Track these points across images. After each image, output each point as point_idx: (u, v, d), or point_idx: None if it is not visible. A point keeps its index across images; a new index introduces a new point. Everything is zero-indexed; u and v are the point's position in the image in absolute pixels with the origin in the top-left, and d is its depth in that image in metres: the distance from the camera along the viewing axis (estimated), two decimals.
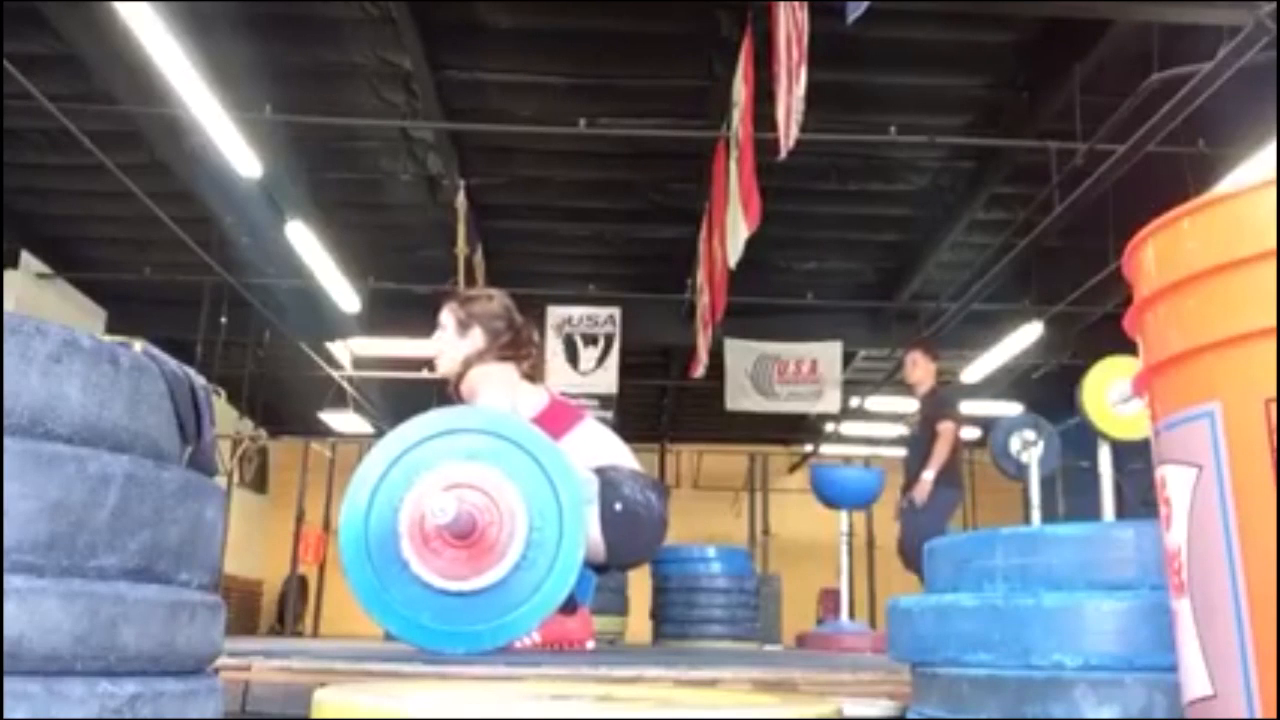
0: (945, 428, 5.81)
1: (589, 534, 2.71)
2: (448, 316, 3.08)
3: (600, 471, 2.84)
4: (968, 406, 12.04)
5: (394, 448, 2.41)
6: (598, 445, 2.96)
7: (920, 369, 6.20)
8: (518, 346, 3.04)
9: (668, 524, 3.00)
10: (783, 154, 4.64)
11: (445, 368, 3.08)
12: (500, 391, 2.90)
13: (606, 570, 2.90)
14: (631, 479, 2.87)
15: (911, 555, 5.74)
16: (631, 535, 2.84)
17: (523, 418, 2.77)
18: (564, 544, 2.31)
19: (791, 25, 4.38)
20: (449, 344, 3.05)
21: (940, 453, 5.74)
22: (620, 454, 2.96)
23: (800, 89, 4.29)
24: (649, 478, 2.96)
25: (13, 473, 0.86)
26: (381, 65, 6.42)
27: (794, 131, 4.42)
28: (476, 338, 3.02)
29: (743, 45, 5.40)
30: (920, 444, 5.96)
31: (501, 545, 2.29)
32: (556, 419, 2.93)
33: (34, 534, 0.87)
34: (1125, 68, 5.73)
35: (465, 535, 2.28)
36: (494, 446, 2.37)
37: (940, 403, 6.09)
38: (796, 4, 4.33)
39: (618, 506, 2.78)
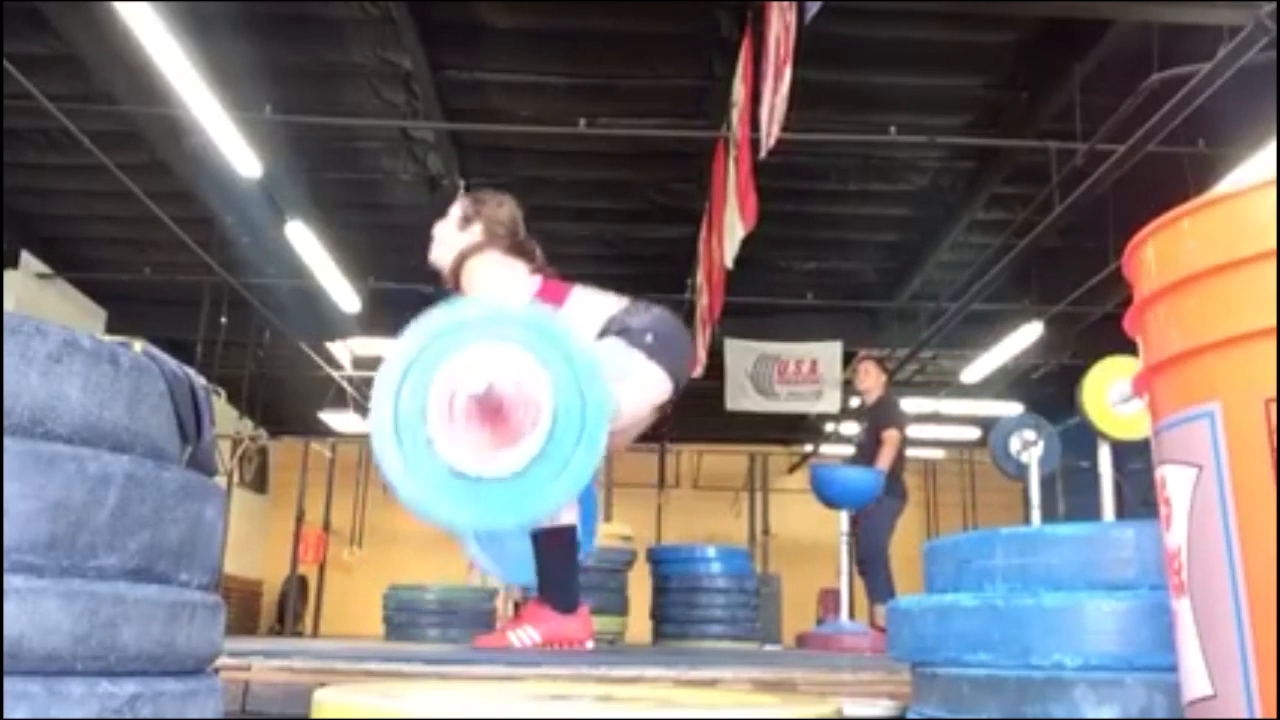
0: (890, 435, 6.02)
1: (655, 384, 2.76)
2: (456, 208, 3.13)
3: (610, 325, 2.85)
4: (968, 406, 12.12)
5: (427, 331, 2.41)
6: (594, 305, 2.97)
7: (871, 378, 6.46)
8: (515, 252, 3.06)
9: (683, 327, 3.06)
10: (763, 153, 4.65)
11: (437, 255, 3.13)
12: (495, 279, 2.93)
13: (678, 386, 2.90)
14: (632, 312, 2.90)
15: (860, 561, 6.00)
16: (676, 349, 2.88)
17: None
18: (583, 443, 2.31)
19: (781, 25, 4.38)
20: (449, 234, 3.09)
21: (885, 458, 5.90)
22: (609, 301, 2.99)
23: (785, 88, 4.29)
24: (639, 303, 2.98)
25: (13, 473, 0.86)
26: (381, 65, 6.42)
27: (775, 131, 4.42)
28: (475, 233, 3.06)
29: (742, 45, 5.40)
30: (866, 450, 6.17)
31: (525, 433, 2.30)
32: (552, 294, 2.97)
33: (34, 534, 0.87)
34: (1125, 68, 5.73)
35: (493, 415, 2.28)
36: (528, 338, 2.37)
37: (887, 411, 6.31)
38: (786, 4, 4.33)
39: (649, 340, 2.79)
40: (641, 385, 2.76)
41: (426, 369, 2.32)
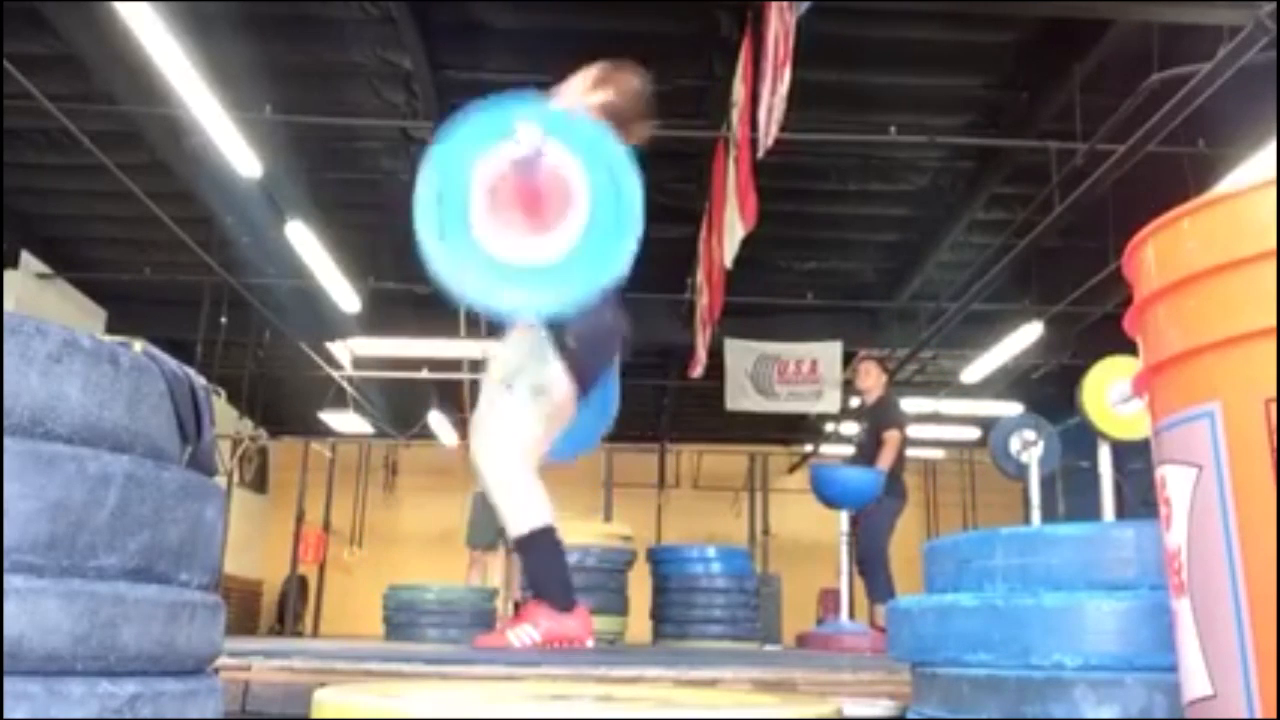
0: (891, 436, 6.02)
1: (564, 383, 2.81)
2: (590, 69, 3.07)
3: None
4: (968, 406, 12.11)
5: (475, 121, 2.48)
6: None
7: (872, 378, 6.47)
8: (629, 119, 3.02)
9: (619, 325, 3.03)
10: (761, 153, 4.65)
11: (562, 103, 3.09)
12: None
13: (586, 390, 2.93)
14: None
15: (860, 561, 6.01)
16: (594, 357, 2.91)
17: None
18: (621, 231, 2.41)
19: (780, 26, 4.38)
20: (574, 89, 3.02)
21: (887, 459, 5.90)
22: None
23: (783, 89, 4.29)
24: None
25: (13, 473, 0.86)
26: (381, 65, 6.42)
27: (773, 131, 4.42)
28: (603, 96, 3.02)
29: (742, 45, 5.40)
30: (866, 450, 6.18)
31: (562, 223, 2.37)
32: None
33: (34, 534, 0.87)
34: (1125, 68, 5.73)
35: (532, 205, 2.32)
36: (572, 135, 2.44)
37: (887, 412, 6.32)
38: (785, 4, 4.33)
39: (570, 344, 2.83)
40: (553, 395, 2.83)
41: (465, 162, 2.39)
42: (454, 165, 2.43)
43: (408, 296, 9.36)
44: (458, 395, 10.42)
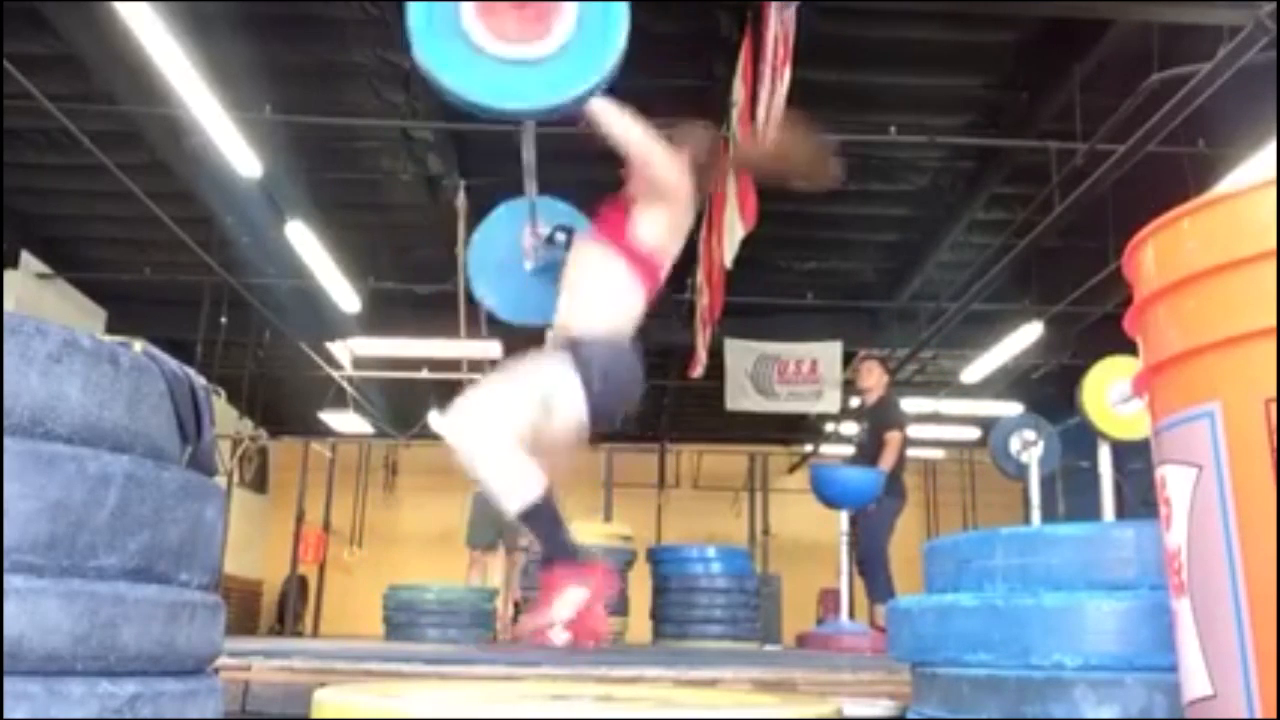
0: (893, 437, 6.02)
1: (577, 418, 2.77)
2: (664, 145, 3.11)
3: (573, 346, 2.85)
4: (968, 406, 12.11)
5: None
6: (634, 309, 2.96)
7: (873, 377, 6.46)
8: (699, 174, 3.08)
9: (640, 377, 3.01)
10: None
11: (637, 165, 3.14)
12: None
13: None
14: (602, 350, 2.87)
15: (860, 561, 6.02)
16: (613, 401, 2.87)
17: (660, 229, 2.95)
18: (608, 33, 2.50)
19: (779, 27, 4.39)
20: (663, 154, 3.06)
21: (888, 459, 5.91)
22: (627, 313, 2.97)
23: (782, 89, 4.30)
24: (620, 341, 2.95)
25: (13, 473, 0.86)
26: (381, 65, 6.42)
27: (772, 131, 4.43)
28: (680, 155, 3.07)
29: (742, 46, 5.40)
30: (867, 451, 6.17)
31: (553, 17, 2.43)
32: (650, 268, 2.97)
33: (34, 534, 0.87)
34: (1125, 68, 5.73)
35: (520, 6, 2.38)
36: None
37: (888, 412, 6.31)
38: (784, 4, 4.33)
39: (597, 387, 2.79)
40: (561, 419, 2.78)
41: None
42: None
43: (408, 296, 9.37)
44: (458, 395, 10.42)
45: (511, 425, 2.78)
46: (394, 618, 6.09)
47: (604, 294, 2.96)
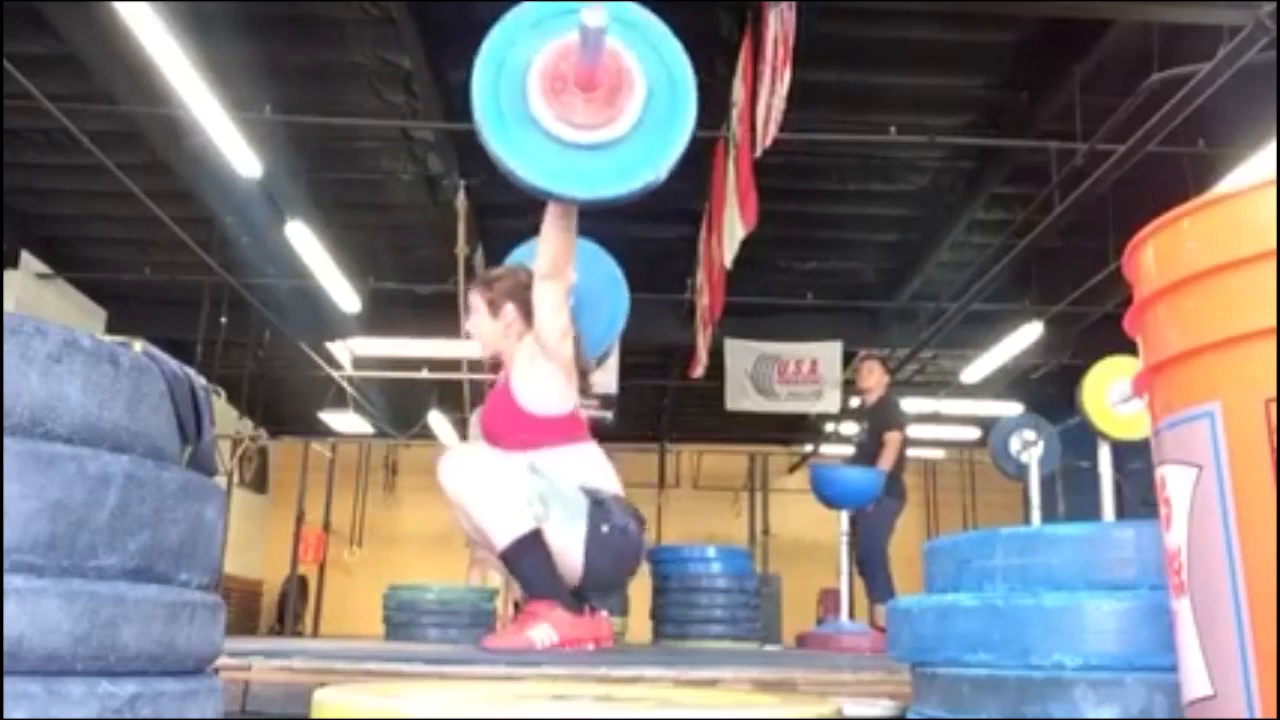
0: (892, 437, 6.03)
1: (570, 554, 2.76)
2: (477, 300, 3.10)
3: (591, 493, 2.83)
4: (968, 406, 12.12)
5: (526, 18, 2.48)
6: (593, 466, 2.95)
7: (874, 377, 6.48)
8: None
9: (643, 554, 3.02)
10: (758, 153, 4.66)
11: (486, 351, 3.14)
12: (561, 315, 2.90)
13: (579, 594, 2.88)
14: (617, 505, 2.87)
15: (860, 561, 6.02)
16: (613, 560, 2.84)
17: (550, 390, 2.88)
18: (678, 113, 2.49)
19: (779, 26, 4.39)
20: (485, 326, 3.07)
21: (888, 459, 5.91)
22: (610, 480, 2.95)
23: (783, 89, 4.30)
24: (632, 506, 2.96)
25: (13, 473, 0.86)
26: (381, 65, 6.42)
27: (772, 131, 4.43)
28: (509, 313, 3.04)
29: (742, 45, 5.40)
30: (867, 451, 6.19)
31: (622, 101, 2.39)
32: (573, 425, 2.96)
33: (34, 534, 0.87)
34: (1125, 68, 5.74)
35: (588, 90, 2.34)
36: (621, 27, 2.45)
37: (888, 412, 6.34)
38: (785, 5, 4.33)
39: (604, 529, 2.77)
40: (559, 549, 2.78)
41: (521, 53, 2.40)
42: (511, 48, 2.41)
43: (408, 296, 9.37)
44: (458, 395, 10.43)
45: (507, 476, 2.81)
46: (394, 618, 6.08)
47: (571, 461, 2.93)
